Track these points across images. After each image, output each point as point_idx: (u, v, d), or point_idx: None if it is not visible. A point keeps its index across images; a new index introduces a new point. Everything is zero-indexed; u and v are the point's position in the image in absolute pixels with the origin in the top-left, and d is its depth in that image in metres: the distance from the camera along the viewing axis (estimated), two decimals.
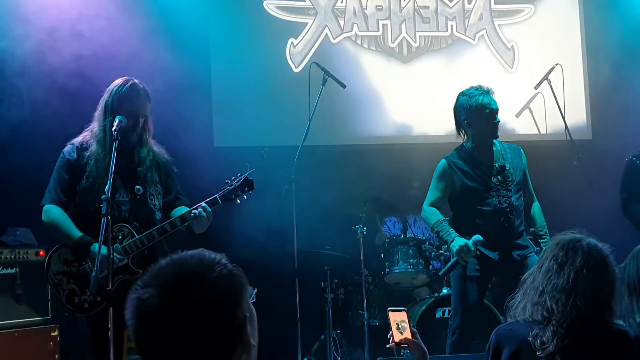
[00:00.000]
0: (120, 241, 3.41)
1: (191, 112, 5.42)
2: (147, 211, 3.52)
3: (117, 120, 3.37)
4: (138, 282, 1.36)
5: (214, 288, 1.33)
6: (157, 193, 3.58)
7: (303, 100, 5.36)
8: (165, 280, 1.33)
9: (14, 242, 4.48)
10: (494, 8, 6.18)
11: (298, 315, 5.00)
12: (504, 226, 4.02)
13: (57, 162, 3.55)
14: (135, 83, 3.52)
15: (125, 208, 3.47)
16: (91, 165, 3.44)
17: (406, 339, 2.55)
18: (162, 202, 3.61)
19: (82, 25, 5.09)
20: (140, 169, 3.52)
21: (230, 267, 1.38)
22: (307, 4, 5.98)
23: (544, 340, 2.17)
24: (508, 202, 4.03)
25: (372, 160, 5.87)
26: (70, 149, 3.53)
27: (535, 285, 2.27)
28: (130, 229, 3.45)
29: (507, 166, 4.08)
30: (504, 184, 4.05)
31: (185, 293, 1.31)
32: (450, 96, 5.85)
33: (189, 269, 1.35)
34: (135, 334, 1.33)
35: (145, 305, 1.31)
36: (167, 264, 1.37)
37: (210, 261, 1.37)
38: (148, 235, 3.43)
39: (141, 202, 3.51)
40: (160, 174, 3.61)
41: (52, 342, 4.32)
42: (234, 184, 3.58)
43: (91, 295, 3.39)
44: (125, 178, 3.48)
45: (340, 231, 5.36)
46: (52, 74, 4.93)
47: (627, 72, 5.97)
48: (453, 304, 4.19)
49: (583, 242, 2.28)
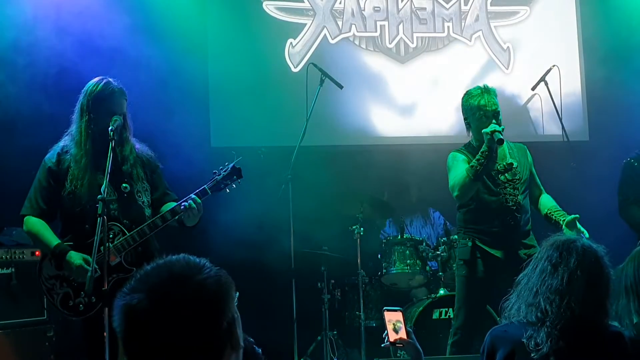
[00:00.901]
0: (111, 240, 3.38)
1: (188, 112, 5.42)
2: (136, 208, 3.51)
3: (113, 120, 3.38)
4: (124, 289, 1.35)
5: (202, 290, 1.33)
6: (145, 190, 3.57)
7: (300, 101, 5.36)
8: (154, 283, 1.33)
9: (10, 242, 4.46)
10: (490, 10, 6.23)
11: (294, 316, 5.00)
12: (510, 224, 4.02)
13: (39, 170, 3.54)
14: (109, 82, 3.50)
15: (114, 207, 3.44)
16: (72, 168, 3.45)
17: (401, 339, 2.55)
18: (151, 199, 3.60)
19: (81, 22, 5.10)
20: (125, 167, 3.51)
21: (216, 270, 1.39)
22: (306, 5, 6.01)
23: (538, 341, 2.16)
24: (515, 200, 4.03)
25: (369, 160, 5.88)
26: (51, 155, 3.53)
27: (529, 286, 2.27)
28: (121, 227, 3.44)
29: (515, 164, 4.09)
30: (511, 182, 4.06)
31: (175, 296, 1.31)
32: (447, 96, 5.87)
33: (177, 272, 1.35)
34: (125, 339, 1.33)
35: (135, 310, 1.31)
36: (153, 269, 1.37)
37: (196, 265, 1.38)
38: (139, 232, 3.43)
39: (129, 199, 3.50)
40: (145, 170, 3.60)
41: (47, 343, 4.31)
42: (222, 173, 3.57)
43: (86, 297, 3.38)
44: (110, 177, 3.42)
45: (337, 232, 5.36)
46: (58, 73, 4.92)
47: (624, 74, 5.97)
48: (456, 305, 4.18)
49: (578, 243, 2.27)
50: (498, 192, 4.03)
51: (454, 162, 4.09)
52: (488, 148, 3.87)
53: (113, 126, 3.35)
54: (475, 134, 4.12)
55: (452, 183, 4.01)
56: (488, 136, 3.87)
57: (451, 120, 5.88)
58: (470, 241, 4.07)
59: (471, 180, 3.90)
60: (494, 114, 4.00)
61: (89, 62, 4.85)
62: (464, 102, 4.14)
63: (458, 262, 4.21)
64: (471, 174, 3.89)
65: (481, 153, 3.89)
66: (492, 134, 3.85)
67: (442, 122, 6.05)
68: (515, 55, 6.21)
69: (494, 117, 3.99)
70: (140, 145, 3.66)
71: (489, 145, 3.87)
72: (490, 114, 4.00)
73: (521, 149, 4.24)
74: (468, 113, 4.10)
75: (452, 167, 4.09)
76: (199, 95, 5.71)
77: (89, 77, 3.61)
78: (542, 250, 2.33)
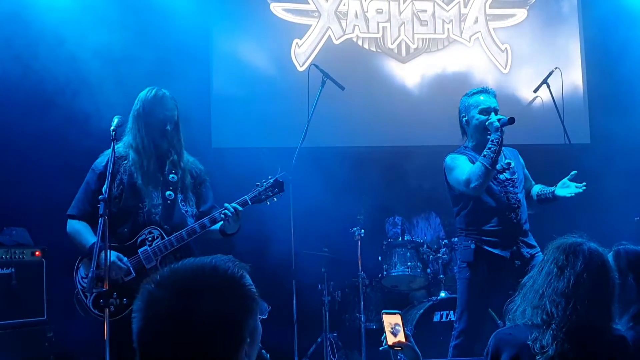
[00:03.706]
0: (150, 243, 3.44)
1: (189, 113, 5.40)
2: (179, 216, 3.56)
3: (115, 119, 3.40)
4: (154, 276, 1.37)
5: (222, 306, 1.34)
6: (189, 200, 3.62)
7: (302, 102, 5.35)
8: (180, 285, 1.35)
9: (10, 242, 4.45)
10: (488, 12, 6.40)
11: (295, 317, 4.98)
12: (512, 222, 4.02)
13: (87, 174, 3.59)
14: (160, 89, 3.59)
15: (156, 211, 3.50)
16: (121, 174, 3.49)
17: (399, 342, 2.54)
18: (197, 211, 3.64)
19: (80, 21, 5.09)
20: (172, 176, 3.56)
21: (246, 290, 1.39)
22: (312, 6, 6.15)
23: (544, 344, 2.15)
24: (516, 198, 4.05)
25: (370, 161, 5.87)
26: (101, 160, 3.58)
27: (535, 288, 2.26)
28: (161, 232, 3.48)
29: (513, 164, 4.12)
30: (511, 181, 4.07)
31: (194, 304, 1.32)
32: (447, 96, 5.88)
33: (205, 280, 1.36)
34: (137, 324, 1.34)
35: (153, 302, 1.33)
36: (185, 268, 1.38)
37: (228, 277, 1.38)
38: (177, 237, 3.46)
39: (172, 206, 3.55)
40: (194, 182, 3.65)
41: (47, 343, 4.30)
42: (264, 185, 3.60)
43: (117, 299, 3.38)
44: (157, 183, 3.53)
45: (338, 233, 5.35)
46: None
47: (626, 76, 5.97)
48: (459, 308, 4.14)
49: (584, 247, 2.26)
50: (500, 190, 4.03)
51: (456, 162, 4.07)
52: (498, 135, 3.88)
53: (114, 125, 3.36)
54: (472, 131, 4.10)
55: (467, 177, 3.93)
56: (496, 124, 3.89)
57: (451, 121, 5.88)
58: (473, 243, 4.04)
59: (488, 169, 3.85)
60: (493, 110, 4.03)
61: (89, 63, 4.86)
62: (463, 100, 4.16)
63: (460, 264, 4.16)
64: (487, 163, 3.84)
65: (491, 141, 3.89)
66: (499, 120, 3.89)
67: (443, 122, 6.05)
68: (513, 56, 6.34)
69: (493, 112, 4.02)
70: (192, 159, 3.72)
71: (499, 133, 3.88)
72: (490, 109, 4.02)
73: (512, 151, 4.27)
74: (467, 110, 4.10)
75: (455, 166, 4.06)
76: (200, 96, 5.70)
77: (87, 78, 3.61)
78: (548, 252, 2.32)
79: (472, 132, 4.11)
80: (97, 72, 3.70)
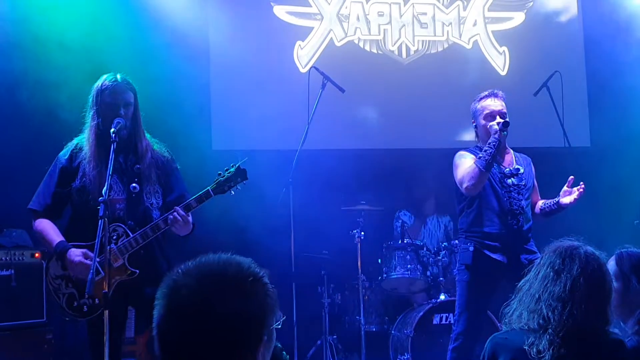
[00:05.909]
0: (115, 241, 3.33)
1: (190, 115, 5.41)
2: (143, 209, 3.44)
3: (115, 122, 3.32)
4: (182, 266, 1.38)
5: (246, 300, 1.34)
6: (155, 191, 3.49)
7: (302, 105, 5.35)
8: (206, 276, 1.35)
9: (10, 244, 4.46)
10: (487, 15, 6.45)
11: (294, 320, 4.98)
12: (513, 228, 4.02)
13: (51, 166, 3.51)
14: (112, 74, 3.46)
15: (120, 206, 3.40)
16: (84, 165, 3.40)
17: None
18: (163, 201, 3.52)
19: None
20: (137, 166, 3.45)
21: (268, 289, 1.40)
22: (314, 9, 6.19)
23: (540, 349, 2.14)
24: (519, 204, 4.05)
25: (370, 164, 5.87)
26: (64, 152, 3.50)
27: (531, 292, 2.24)
28: (125, 229, 3.38)
29: (522, 170, 4.13)
30: (517, 187, 4.08)
31: (218, 293, 1.33)
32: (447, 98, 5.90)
33: (232, 273, 1.37)
34: (159, 311, 1.34)
35: (178, 292, 1.33)
36: (213, 261, 1.39)
37: (252, 274, 1.39)
38: (142, 234, 3.36)
39: (137, 200, 3.44)
40: (159, 172, 3.51)
41: (46, 345, 4.29)
42: (225, 175, 3.46)
43: (90, 299, 3.34)
44: (121, 175, 3.42)
45: (338, 236, 5.35)
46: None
47: (626, 79, 5.97)
48: (457, 310, 4.14)
49: (580, 250, 2.25)
50: (504, 194, 4.04)
51: (461, 159, 4.10)
52: (496, 139, 3.91)
53: (115, 128, 3.28)
54: (481, 135, 4.15)
55: (461, 176, 3.99)
56: (495, 127, 3.93)
57: (452, 122, 5.92)
58: (472, 246, 4.06)
59: (482, 171, 3.88)
60: (499, 114, 4.06)
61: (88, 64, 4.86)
62: (472, 106, 4.22)
63: (459, 267, 4.18)
64: (481, 165, 3.88)
65: (488, 144, 3.92)
66: (498, 124, 3.94)
67: (442, 124, 6.09)
68: (511, 59, 6.39)
69: (499, 115, 4.05)
70: (157, 146, 3.58)
71: (496, 137, 3.91)
72: (495, 113, 4.06)
73: (526, 159, 4.29)
74: (475, 116, 4.18)
75: (459, 164, 4.08)
76: (201, 97, 5.70)
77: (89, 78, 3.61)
78: (545, 256, 2.31)
79: (481, 136, 4.17)
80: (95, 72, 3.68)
